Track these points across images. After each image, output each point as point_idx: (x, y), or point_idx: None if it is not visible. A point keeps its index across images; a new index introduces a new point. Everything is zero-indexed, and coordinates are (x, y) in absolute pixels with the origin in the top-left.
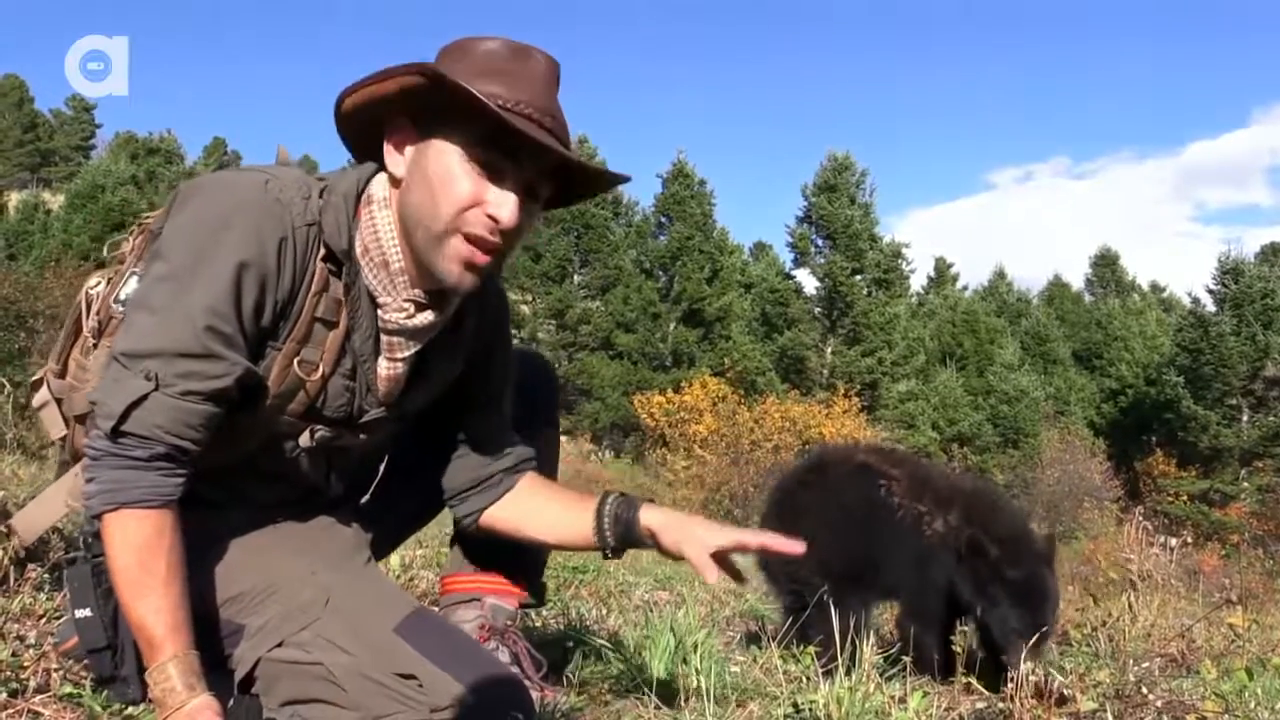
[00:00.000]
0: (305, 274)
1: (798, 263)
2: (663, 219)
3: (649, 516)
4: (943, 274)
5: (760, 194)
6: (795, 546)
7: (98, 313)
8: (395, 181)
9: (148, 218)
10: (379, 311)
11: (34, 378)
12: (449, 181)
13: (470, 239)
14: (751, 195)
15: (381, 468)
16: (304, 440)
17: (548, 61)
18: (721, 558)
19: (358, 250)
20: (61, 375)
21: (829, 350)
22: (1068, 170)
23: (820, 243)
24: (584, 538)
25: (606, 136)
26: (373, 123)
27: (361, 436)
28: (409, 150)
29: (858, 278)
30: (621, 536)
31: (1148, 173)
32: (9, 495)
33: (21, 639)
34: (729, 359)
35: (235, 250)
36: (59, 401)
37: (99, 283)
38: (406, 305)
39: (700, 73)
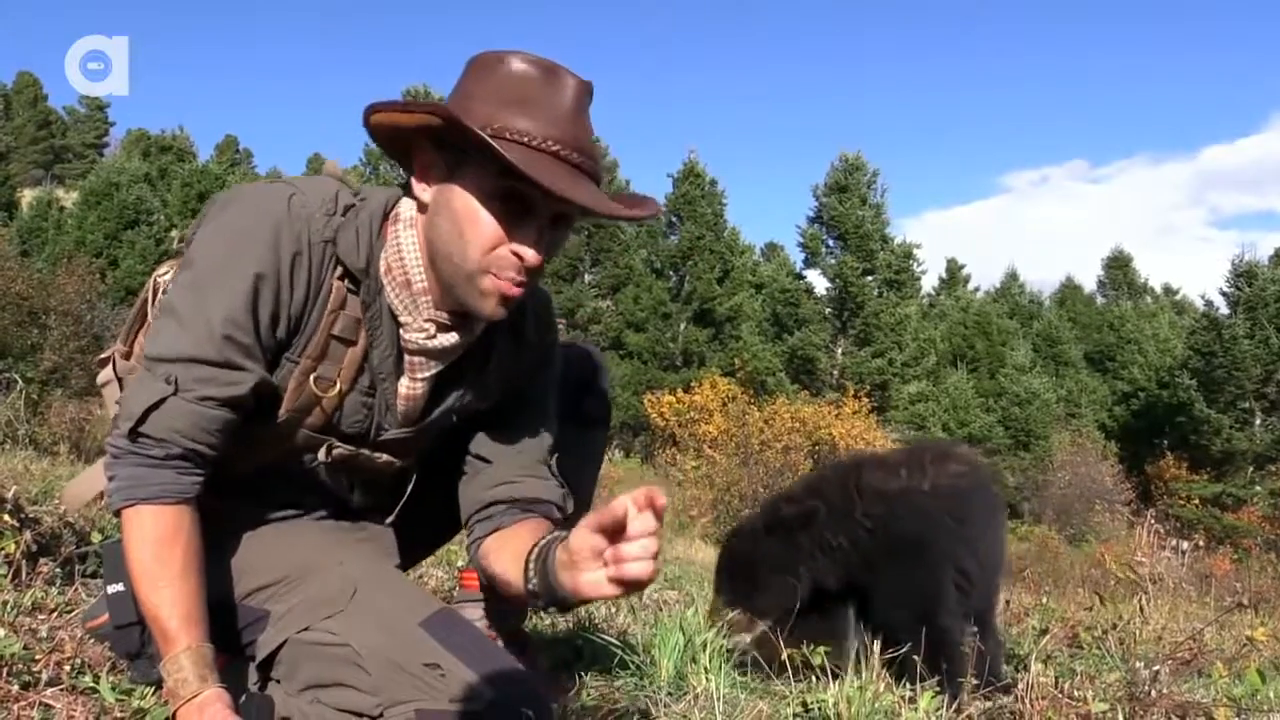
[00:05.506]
0: (320, 290)
1: (809, 263)
2: (674, 219)
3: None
4: (954, 275)
5: (772, 194)
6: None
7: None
8: (422, 207)
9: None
10: (400, 330)
11: (102, 355)
12: (474, 221)
13: (499, 276)
14: (763, 195)
15: (409, 489)
16: (321, 455)
17: (578, 86)
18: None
19: (381, 269)
20: (127, 357)
21: (839, 351)
22: (1084, 174)
23: (831, 243)
24: (519, 590)
25: (618, 136)
26: (400, 139)
27: (381, 456)
28: (434, 180)
29: (869, 278)
30: (547, 591)
31: (1163, 177)
32: (21, 490)
33: (33, 632)
34: (739, 359)
35: (254, 261)
36: (121, 381)
37: (168, 270)
38: (427, 326)
39: (712, 72)
